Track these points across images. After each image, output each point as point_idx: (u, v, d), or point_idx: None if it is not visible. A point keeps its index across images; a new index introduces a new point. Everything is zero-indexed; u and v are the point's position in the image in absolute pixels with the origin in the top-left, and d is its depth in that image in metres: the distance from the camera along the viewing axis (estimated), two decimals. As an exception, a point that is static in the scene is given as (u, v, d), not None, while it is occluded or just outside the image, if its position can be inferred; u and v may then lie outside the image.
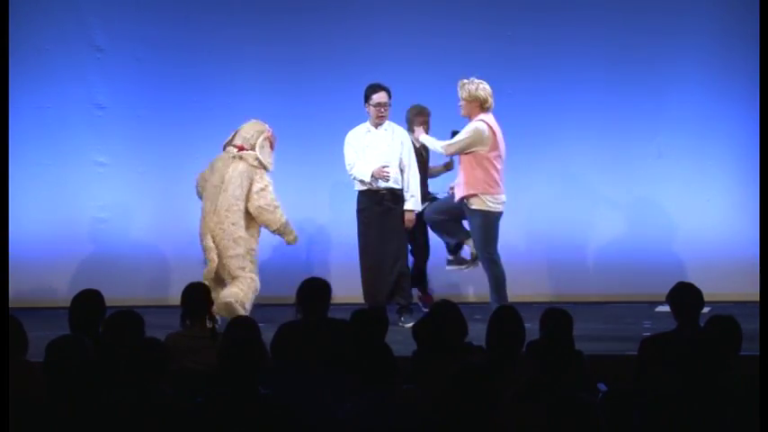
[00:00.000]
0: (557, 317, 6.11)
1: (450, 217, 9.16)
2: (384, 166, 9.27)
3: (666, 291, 6.55)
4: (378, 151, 9.37)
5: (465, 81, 8.98)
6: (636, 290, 10.44)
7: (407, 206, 9.36)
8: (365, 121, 9.53)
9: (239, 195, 9.06)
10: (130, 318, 6.06)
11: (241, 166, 9.13)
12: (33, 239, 10.55)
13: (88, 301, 6.46)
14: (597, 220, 10.70)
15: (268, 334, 6.51)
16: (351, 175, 9.43)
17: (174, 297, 6.65)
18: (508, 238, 10.12)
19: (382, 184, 9.36)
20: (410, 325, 8.96)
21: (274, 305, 9.77)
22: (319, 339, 6.38)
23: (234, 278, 9.01)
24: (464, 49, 10.59)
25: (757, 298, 9.40)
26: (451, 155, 9.17)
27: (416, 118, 9.63)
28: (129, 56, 10.63)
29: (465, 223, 9.20)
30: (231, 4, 10.66)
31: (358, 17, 10.66)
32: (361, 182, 9.39)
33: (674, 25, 10.62)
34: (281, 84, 10.57)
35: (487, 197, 8.86)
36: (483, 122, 8.86)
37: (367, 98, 9.40)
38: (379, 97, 9.36)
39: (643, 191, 10.71)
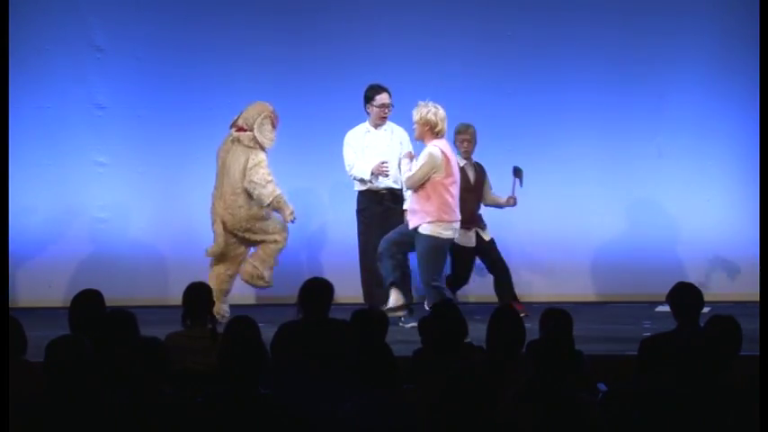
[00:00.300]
0: (557, 317, 6.11)
1: (403, 249, 9.02)
2: (383, 162, 9.26)
3: (666, 291, 6.55)
4: (377, 151, 9.37)
5: (422, 103, 8.88)
6: (636, 290, 10.45)
7: (407, 205, 9.35)
8: (364, 121, 9.53)
9: (239, 177, 9.19)
10: (122, 317, 6.07)
11: (239, 148, 9.24)
12: (33, 239, 10.54)
13: (88, 301, 6.46)
14: (597, 220, 10.70)
15: (268, 334, 6.51)
16: (351, 175, 9.43)
17: (174, 297, 6.66)
18: (508, 238, 10.14)
19: (382, 184, 9.36)
20: (410, 325, 9.00)
21: (274, 305, 9.77)
22: (319, 339, 6.38)
23: (259, 244, 9.25)
24: (464, 49, 10.60)
25: (757, 298, 9.41)
26: (412, 187, 8.83)
27: (455, 136, 9.53)
28: (129, 56, 10.63)
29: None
30: (231, 4, 10.66)
31: (358, 17, 10.66)
32: (361, 181, 9.39)
33: (673, 26, 10.63)
34: (281, 84, 10.57)
35: (440, 224, 8.74)
36: (436, 147, 8.76)
37: (369, 99, 9.39)
38: (383, 98, 9.37)
39: (643, 191, 10.72)
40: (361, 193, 9.43)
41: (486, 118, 9.73)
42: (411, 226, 8.86)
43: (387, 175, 9.30)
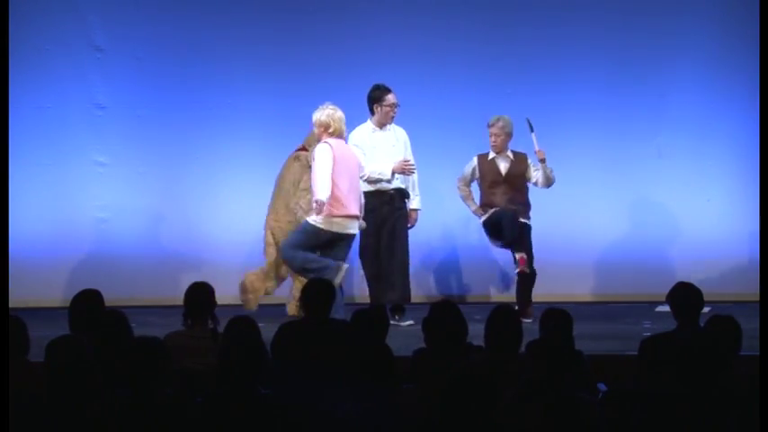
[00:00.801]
0: (557, 317, 6.11)
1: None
2: (406, 161, 9.29)
3: (666, 291, 6.54)
4: (384, 151, 9.36)
5: (321, 106, 8.99)
6: (636, 290, 10.45)
7: (413, 205, 9.41)
8: (365, 121, 9.52)
9: (291, 193, 9.45)
10: (115, 317, 6.08)
11: (296, 165, 9.47)
12: (33, 239, 10.54)
13: (88, 301, 6.46)
14: (597, 221, 10.70)
15: (268, 334, 6.51)
16: (364, 176, 9.33)
17: (174, 297, 6.65)
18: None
19: (392, 184, 9.34)
20: (406, 323, 9.02)
21: (274, 305, 9.77)
22: (320, 339, 6.38)
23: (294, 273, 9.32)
24: (464, 50, 10.61)
25: (757, 298, 9.41)
26: (327, 197, 8.77)
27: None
28: (129, 56, 10.63)
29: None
30: (231, 4, 10.66)
31: (359, 17, 10.66)
32: (369, 182, 9.35)
33: (674, 25, 10.63)
34: (282, 84, 10.57)
35: (320, 217, 8.80)
36: (325, 143, 8.88)
37: (378, 99, 9.38)
38: (392, 98, 9.39)
39: (643, 191, 10.72)
40: (369, 193, 9.40)
41: (486, 118, 9.71)
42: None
43: (413, 173, 9.31)
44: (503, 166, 9.57)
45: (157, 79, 10.65)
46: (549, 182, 9.57)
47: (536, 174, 9.61)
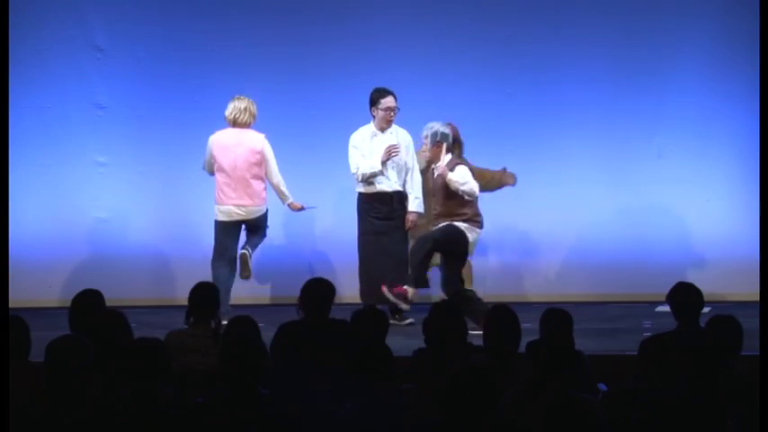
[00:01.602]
0: (557, 317, 6.11)
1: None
2: (391, 145, 9.25)
3: (666, 291, 6.55)
4: (379, 154, 9.33)
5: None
6: (636, 290, 10.44)
7: (411, 207, 9.38)
8: (367, 122, 9.51)
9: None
10: (115, 317, 6.09)
11: None
12: (33, 239, 10.54)
13: (88, 301, 6.46)
14: (597, 220, 10.70)
15: (268, 334, 6.51)
16: (358, 176, 9.34)
17: (174, 297, 6.66)
18: (508, 237, 10.14)
19: (392, 188, 9.32)
20: (407, 322, 9.01)
21: (274, 305, 9.78)
22: (319, 339, 6.38)
23: None
24: (464, 49, 10.60)
25: (757, 298, 9.40)
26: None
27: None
28: (129, 56, 10.63)
29: None
30: (231, 4, 10.66)
31: (359, 18, 10.66)
32: (367, 182, 9.35)
33: (673, 25, 10.63)
34: (282, 84, 10.57)
35: (217, 207, 9.44)
36: (211, 137, 9.40)
37: (375, 102, 9.38)
38: (389, 101, 9.36)
39: (643, 191, 10.71)
40: (368, 195, 9.39)
41: (486, 118, 9.73)
42: None
43: (397, 154, 9.27)
44: (431, 180, 9.46)
45: (157, 79, 10.65)
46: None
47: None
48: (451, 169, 8.78)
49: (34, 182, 10.59)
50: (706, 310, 6.60)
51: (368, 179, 9.36)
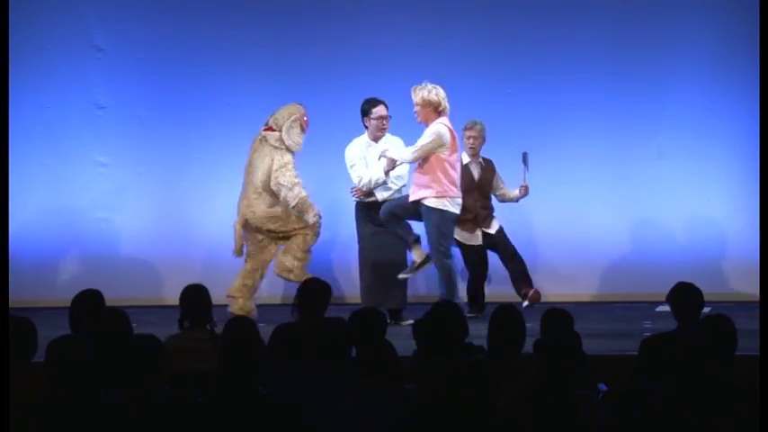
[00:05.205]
0: (557, 317, 6.11)
1: (405, 215, 9.12)
2: (384, 151, 9.25)
3: (666, 291, 6.55)
4: (380, 165, 9.32)
5: (417, 87, 8.95)
6: (636, 290, 10.44)
7: (380, 197, 9.35)
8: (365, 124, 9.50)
9: (263, 177, 9.31)
10: (118, 315, 6.09)
11: (266, 148, 9.35)
12: (33, 239, 10.55)
13: (88, 301, 6.46)
14: (597, 220, 10.70)
15: (268, 334, 6.50)
16: (369, 187, 9.31)
17: (174, 297, 6.65)
18: (509, 237, 10.12)
19: (381, 196, 9.32)
20: (406, 323, 9.01)
21: (274, 305, 9.78)
22: (317, 339, 6.37)
23: (287, 240, 9.27)
24: (464, 50, 10.60)
25: (757, 298, 9.40)
26: (417, 160, 8.92)
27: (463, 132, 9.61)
28: (129, 56, 10.64)
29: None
30: (232, 4, 10.66)
31: (359, 18, 10.66)
32: (366, 192, 9.33)
33: (673, 25, 10.63)
34: (282, 84, 10.57)
35: (446, 200, 8.89)
36: (443, 125, 8.89)
37: (366, 112, 9.36)
38: (380, 111, 9.33)
39: (643, 191, 10.71)
40: (365, 203, 9.38)
41: (486, 118, 9.72)
42: (414, 198, 8.94)
43: (401, 163, 9.28)
44: (476, 173, 9.57)
45: (157, 79, 10.65)
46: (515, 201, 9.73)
47: (503, 187, 9.62)
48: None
49: (34, 182, 10.59)
50: (706, 310, 6.60)
51: (372, 190, 9.34)
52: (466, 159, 9.51)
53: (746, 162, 10.55)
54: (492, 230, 9.65)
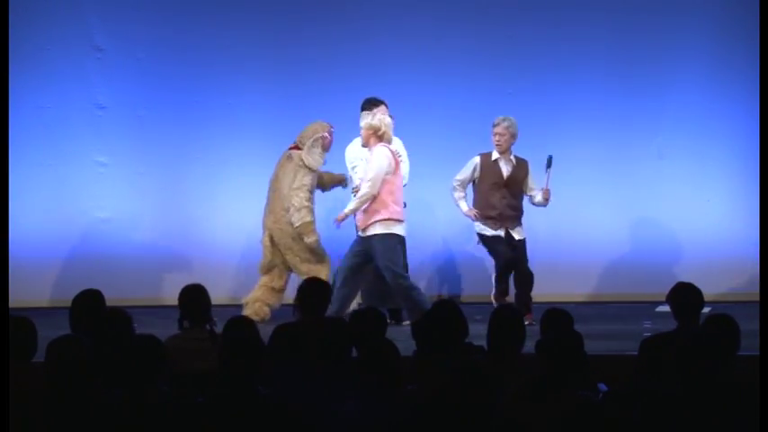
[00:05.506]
0: (557, 317, 6.11)
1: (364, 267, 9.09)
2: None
3: (666, 291, 6.54)
4: None
5: (364, 113, 9.09)
6: (636, 290, 10.45)
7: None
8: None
9: (287, 194, 9.37)
10: (121, 316, 6.09)
11: (290, 165, 9.41)
12: (33, 239, 10.54)
13: (88, 301, 6.45)
14: (597, 220, 10.71)
15: (268, 334, 6.50)
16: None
17: (174, 297, 6.65)
18: (508, 238, 10.11)
19: None
20: (407, 322, 9.01)
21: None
22: (317, 339, 6.37)
23: (302, 274, 9.13)
24: (464, 50, 10.61)
25: (757, 298, 9.40)
26: (376, 189, 8.88)
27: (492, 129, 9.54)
28: (129, 56, 10.64)
29: None
30: (231, 4, 10.66)
31: (359, 18, 10.66)
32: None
33: (673, 25, 10.63)
34: (282, 84, 10.58)
35: (393, 222, 8.91)
36: (384, 148, 8.94)
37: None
38: (382, 111, 9.32)
39: (643, 191, 10.72)
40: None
41: (486, 119, 9.72)
42: (363, 225, 8.97)
43: (402, 161, 9.27)
44: (505, 170, 9.47)
45: (157, 79, 10.65)
46: (542, 205, 9.56)
47: (534, 189, 9.52)
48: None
49: (34, 182, 10.59)
50: (706, 310, 6.60)
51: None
52: (495, 156, 9.45)
53: (746, 162, 10.56)
54: (516, 236, 9.47)
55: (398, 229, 8.97)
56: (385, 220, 8.91)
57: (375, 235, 8.92)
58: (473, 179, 9.49)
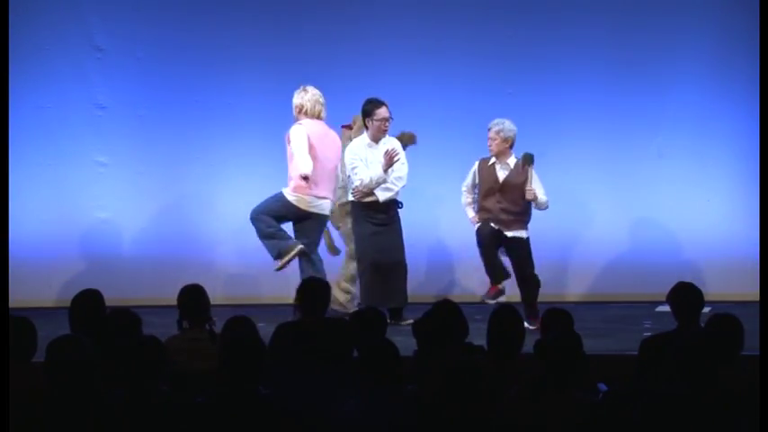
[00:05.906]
0: (557, 317, 6.11)
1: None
2: (391, 149, 9.25)
3: (666, 291, 6.54)
4: (378, 166, 9.32)
5: (297, 91, 9.29)
6: (636, 290, 10.45)
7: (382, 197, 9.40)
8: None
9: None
10: (129, 317, 6.09)
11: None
12: (33, 239, 10.54)
13: (88, 301, 6.46)
14: (597, 220, 10.70)
15: (268, 334, 6.51)
16: (370, 187, 9.29)
17: (174, 297, 6.64)
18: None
19: (382, 196, 9.31)
20: (407, 322, 9.01)
21: (274, 305, 9.78)
22: (318, 339, 6.38)
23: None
24: (464, 50, 10.61)
25: (757, 298, 9.40)
26: (308, 162, 9.06)
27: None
28: (129, 56, 10.64)
29: None
30: (231, 4, 10.66)
31: (359, 18, 10.66)
32: (366, 191, 9.32)
33: (673, 25, 10.63)
34: (282, 84, 10.55)
35: (299, 195, 9.13)
36: (298, 125, 9.14)
37: (368, 113, 9.34)
38: (383, 112, 9.31)
39: (643, 191, 10.72)
40: (363, 204, 9.37)
41: (486, 119, 9.71)
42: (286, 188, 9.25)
43: (398, 159, 9.29)
44: (500, 174, 9.35)
45: (157, 79, 10.65)
46: (540, 208, 9.41)
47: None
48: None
49: (34, 182, 10.59)
50: (706, 310, 6.60)
51: (373, 189, 9.33)
52: (492, 160, 9.35)
53: (746, 162, 10.56)
54: (508, 234, 9.27)
55: (297, 202, 9.13)
56: (293, 190, 9.15)
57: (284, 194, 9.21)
58: (475, 184, 9.40)
